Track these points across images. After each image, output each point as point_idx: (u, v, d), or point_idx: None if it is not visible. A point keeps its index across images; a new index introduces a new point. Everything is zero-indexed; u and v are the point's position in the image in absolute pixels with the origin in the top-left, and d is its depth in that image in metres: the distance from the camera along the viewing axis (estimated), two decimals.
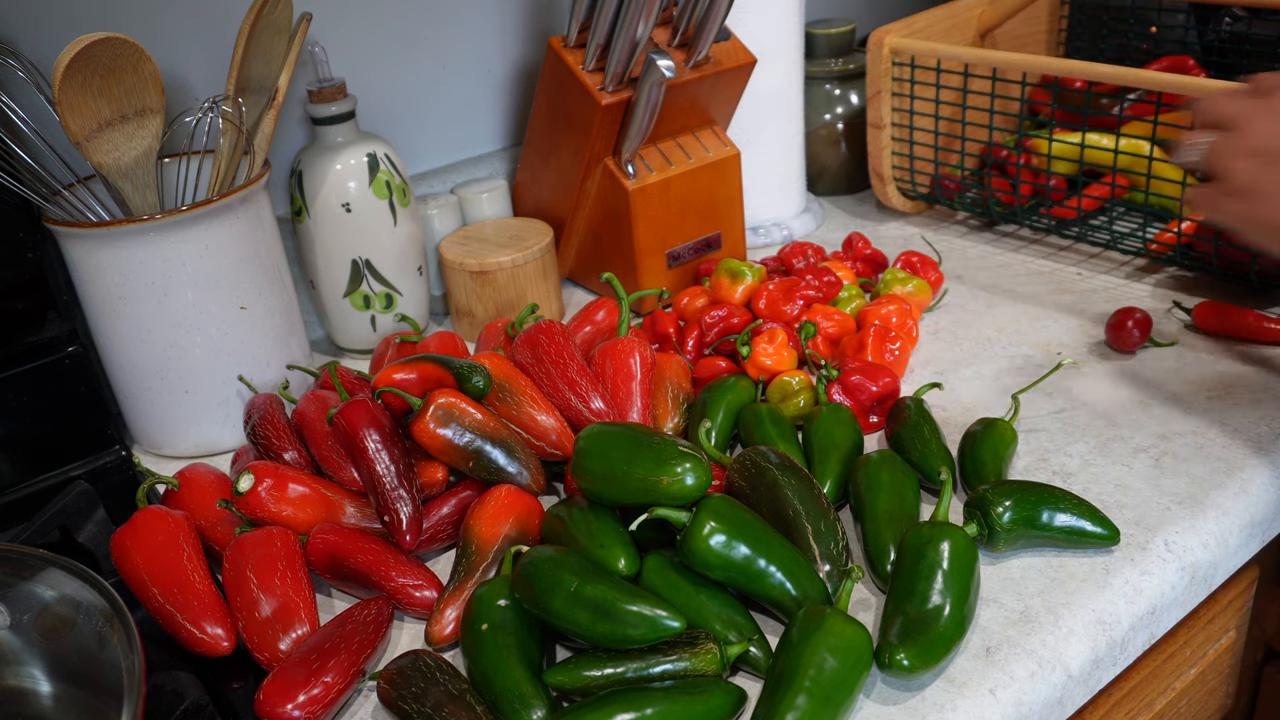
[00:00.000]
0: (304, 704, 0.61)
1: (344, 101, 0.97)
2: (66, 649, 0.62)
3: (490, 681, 0.61)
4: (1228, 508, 0.74)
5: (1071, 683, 0.65)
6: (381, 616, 0.68)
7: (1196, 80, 0.93)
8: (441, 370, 0.78)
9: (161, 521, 0.72)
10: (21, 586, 0.63)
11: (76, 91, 0.77)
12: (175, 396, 0.89)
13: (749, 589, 0.65)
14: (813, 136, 1.31)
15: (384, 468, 0.74)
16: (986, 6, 1.21)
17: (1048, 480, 0.78)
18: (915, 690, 0.62)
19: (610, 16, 0.94)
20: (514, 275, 1.03)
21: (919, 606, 0.63)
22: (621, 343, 0.85)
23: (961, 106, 1.14)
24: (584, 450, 0.69)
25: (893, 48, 1.12)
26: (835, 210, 1.31)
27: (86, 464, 0.91)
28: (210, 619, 0.68)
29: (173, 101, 0.98)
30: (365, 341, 1.05)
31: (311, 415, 0.83)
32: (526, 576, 0.64)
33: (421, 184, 1.16)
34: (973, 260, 1.13)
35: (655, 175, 1.03)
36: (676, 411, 0.85)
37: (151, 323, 0.86)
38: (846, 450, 0.78)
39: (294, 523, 0.74)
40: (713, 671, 0.61)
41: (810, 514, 0.68)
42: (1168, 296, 1.01)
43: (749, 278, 0.98)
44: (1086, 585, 0.68)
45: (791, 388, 0.86)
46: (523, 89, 1.22)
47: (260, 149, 0.90)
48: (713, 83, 1.04)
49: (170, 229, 0.83)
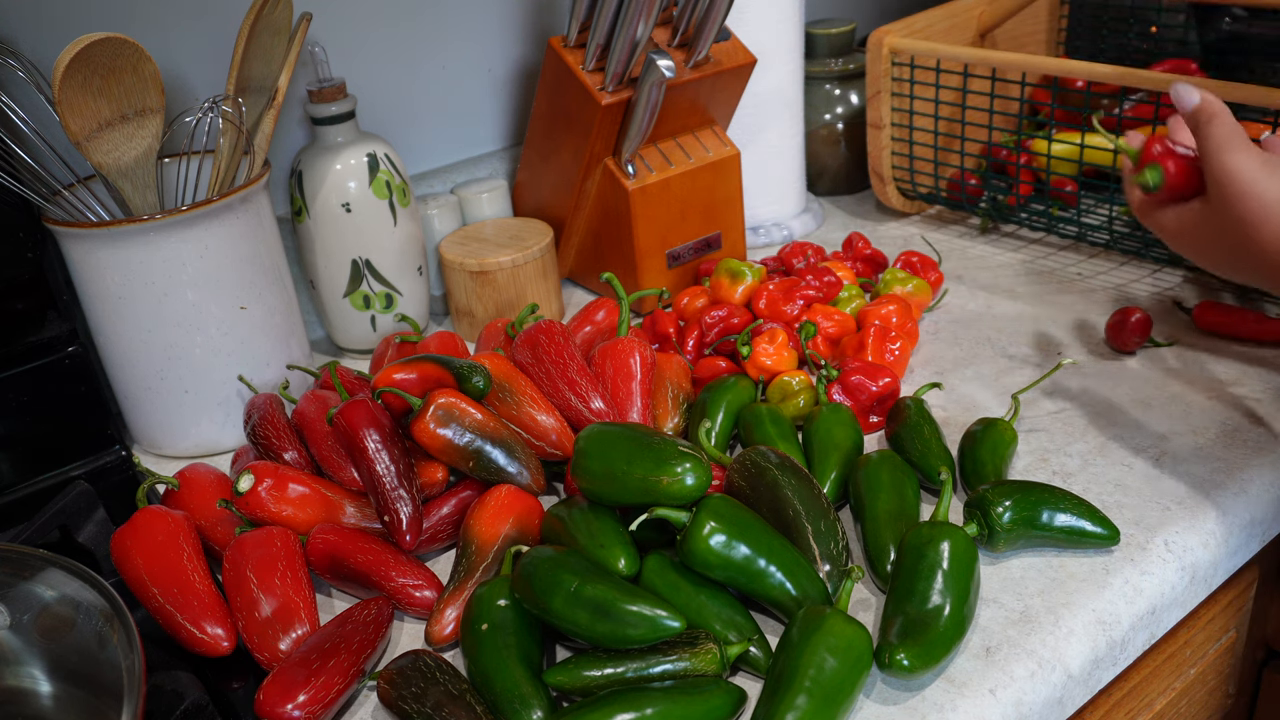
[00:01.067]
0: (304, 704, 0.61)
1: (344, 101, 0.97)
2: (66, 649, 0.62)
3: (490, 681, 0.61)
4: (1228, 508, 0.74)
5: (1071, 683, 0.65)
6: (381, 616, 0.68)
7: (1195, 80, 0.93)
8: (441, 370, 0.78)
9: (161, 521, 0.72)
10: (21, 586, 0.63)
11: (76, 91, 0.77)
12: (175, 396, 0.89)
13: (749, 589, 0.65)
14: (813, 136, 1.31)
15: (384, 468, 0.74)
16: (986, 6, 1.21)
17: (1048, 480, 0.78)
18: (915, 690, 0.62)
19: (610, 16, 0.94)
20: (514, 275, 1.03)
21: (919, 606, 0.63)
22: (621, 343, 0.85)
23: (961, 106, 1.14)
24: (584, 450, 0.69)
25: (892, 48, 1.12)
26: (835, 210, 1.31)
27: (86, 464, 0.91)
28: (210, 619, 0.68)
29: (173, 101, 0.98)
30: (365, 341, 1.05)
31: (311, 415, 0.83)
32: (526, 576, 0.64)
33: (421, 184, 1.16)
34: (973, 260, 1.13)
35: (655, 175, 1.03)
36: (676, 411, 0.85)
37: (151, 323, 0.86)
38: (846, 450, 0.78)
39: (294, 523, 0.74)
40: (713, 671, 0.61)
41: (810, 514, 0.68)
42: (1168, 296, 1.01)
43: (749, 278, 0.98)
44: (1086, 585, 0.68)
45: (791, 388, 0.86)
46: (523, 89, 1.22)
47: (260, 149, 0.90)
48: (713, 83, 1.04)
49: (170, 229, 0.83)
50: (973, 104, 1.15)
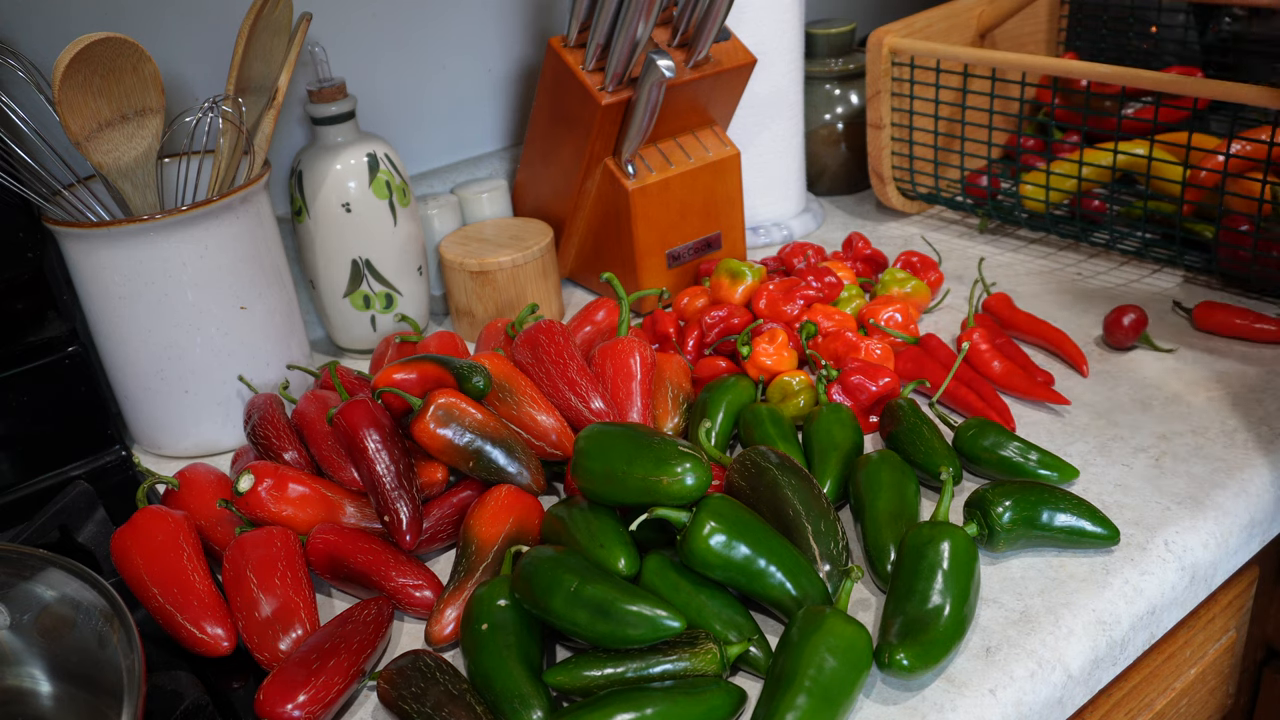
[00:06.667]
0: (304, 704, 0.61)
1: (344, 101, 0.97)
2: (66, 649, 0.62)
3: (490, 681, 0.61)
4: (1228, 508, 0.74)
5: (1071, 683, 0.65)
6: (381, 616, 0.68)
7: (1196, 80, 0.93)
8: (441, 370, 0.78)
9: (161, 521, 0.72)
10: (21, 586, 0.63)
11: (76, 91, 0.77)
12: (175, 396, 0.89)
13: (749, 589, 0.65)
14: (813, 136, 1.31)
15: (384, 468, 0.74)
16: (986, 6, 1.21)
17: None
18: (915, 690, 0.62)
19: (610, 16, 0.94)
20: (514, 275, 1.03)
21: (919, 606, 0.63)
22: (621, 343, 0.85)
23: (961, 106, 1.14)
24: (584, 450, 0.69)
25: (892, 48, 1.12)
26: (835, 210, 1.31)
27: (86, 464, 0.91)
28: (210, 619, 0.68)
29: (173, 101, 0.98)
30: (365, 341, 1.05)
31: (311, 415, 0.83)
32: (526, 576, 0.64)
33: (421, 184, 1.16)
34: (973, 260, 1.13)
35: (655, 175, 1.03)
36: (676, 411, 0.85)
37: (151, 323, 0.86)
38: (846, 450, 0.78)
39: (294, 523, 0.74)
40: (713, 671, 0.61)
41: (810, 514, 0.68)
42: (1168, 296, 1.01)
43: (749, 278, 0.98)
44: (1086, 585, 0.68)
45: (791, 388, 0.86)
46: (523, 89, 1.22)
47: (260, 149, 0.90)
48: (713, 83, 1.04)
49: (170, 229, 0.83)
50: (973, 104, 1.15)
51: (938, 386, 0.86)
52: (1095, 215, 1.11)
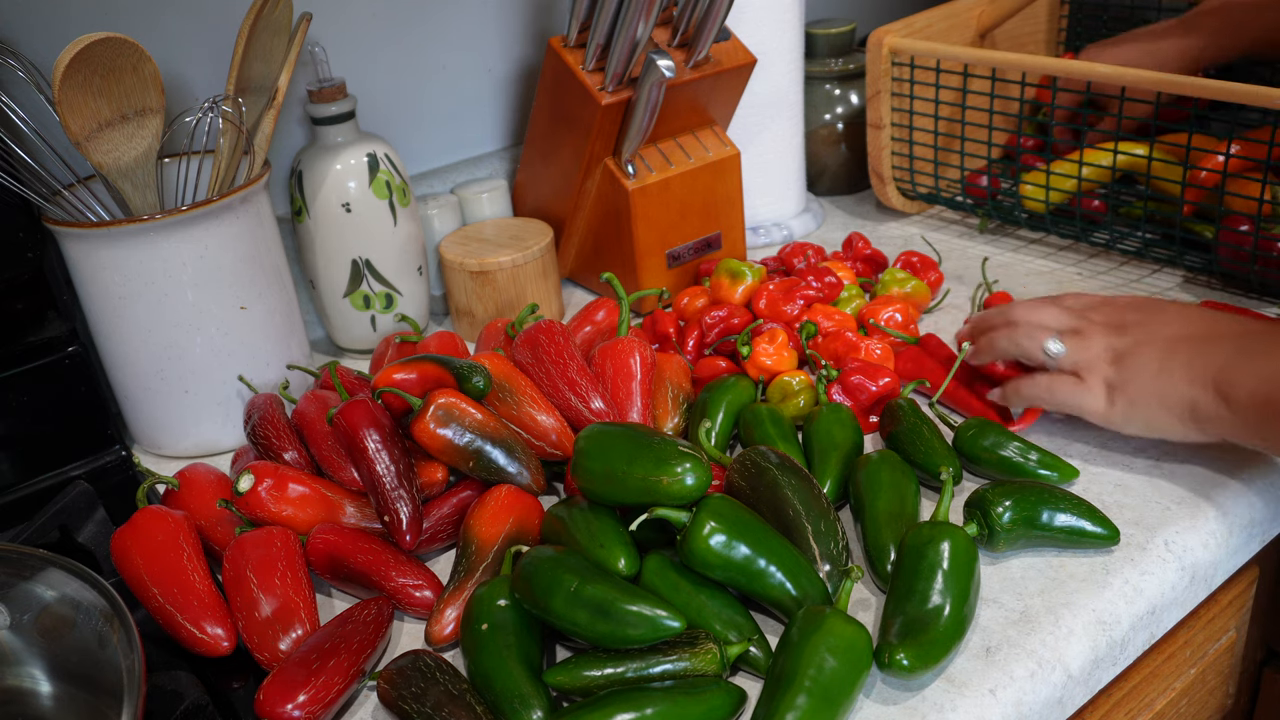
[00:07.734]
0: (304, 704, 0.61)
1: (344, 101, 0.97)
2: (66, 649, 0.62)
3: (490, 681, 0.61)
4: (1228, 508, 0.74)
5: (1071, 683, 0.65)
6: (381, 616, 0.68)
7: (1196, 80, 0.93)
8: (441, 370, 0.78)
9: (161, 521, 0.72)
10: (21, 586, 0.63)
11: (76, 91, 0.77)
12: (175, 396, 0.89)
13: (749, 589, 0.65)
14: (813, 136, 1.31)
15: (384, 468, 0.74)
16: (986, 6, 1.21)
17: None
18: (915, 690, 0.62)
19: (610, 16, 0.94)
20: (514, 275, 1.03)
21: (919, 606, 0.63)
22: (621, 343, 0.85)
23: (961, 106, 1.14)
24: (584, 450, 0.69)
25: (892, 48, 1.12)
26: (835, 210, 1.31)
27: (86, 464, 0.91)
28: (210, 619, 0.68)
29: (173, 101, 0.98)
30: (365, 341, 1.05)
31: (311, 415, 0.83)
32: (526, 576, 0.64)
33: (421, 184, 1.16)
34: (973, 260, 1.13)
35: (655, 175, 1.03)
36: (676, 411, 0.85)
37: (151, 323, 0.86)
38: (846, 450, 0.78)
39: (294, 523, 0.74)
40: (713, 671, 0.61)
41: (810, 514, 0.68)
42: (1168, 296, 1.01)
43: (749, 278, 0.98)
44: (1086, 585, 0.68)
45: (791, 388, 0.86)
46: (523, 89, 1.22)
47: (260, 149, 0.90)
48: (713, 83, 1.04)
49: (170, 229, 0.83)
50: (973, 104, 1.15)
51: (938, 386, 0.86)
52: (1095, 215, 1.11)
